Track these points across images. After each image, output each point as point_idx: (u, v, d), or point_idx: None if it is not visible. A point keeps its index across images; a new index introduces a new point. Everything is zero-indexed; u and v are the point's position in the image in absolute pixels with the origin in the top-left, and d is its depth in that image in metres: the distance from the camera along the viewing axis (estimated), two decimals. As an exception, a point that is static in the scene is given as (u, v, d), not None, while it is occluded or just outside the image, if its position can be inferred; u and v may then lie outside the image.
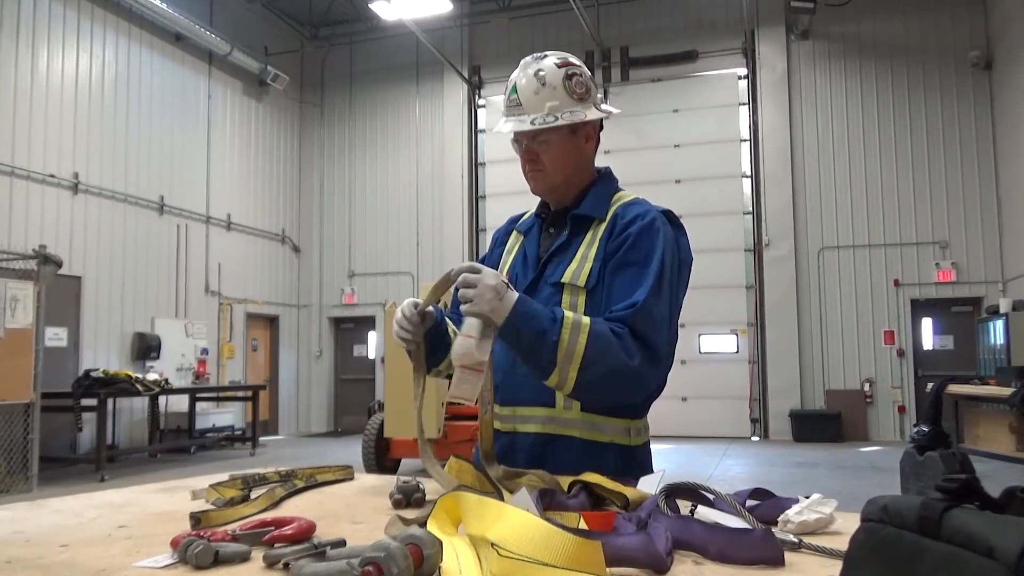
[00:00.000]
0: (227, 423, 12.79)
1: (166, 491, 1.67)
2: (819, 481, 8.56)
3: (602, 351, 1.45)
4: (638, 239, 1.60)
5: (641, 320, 1.50)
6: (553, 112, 1.64)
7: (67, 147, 10.88)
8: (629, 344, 1.48)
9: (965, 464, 5.54)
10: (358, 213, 15.78)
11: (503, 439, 1.68)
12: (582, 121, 1.67)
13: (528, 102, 1.66)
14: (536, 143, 1.69)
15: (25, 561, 1.08)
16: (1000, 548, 0.60)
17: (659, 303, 1.55)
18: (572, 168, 1.72)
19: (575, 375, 1.45)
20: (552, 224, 1.78)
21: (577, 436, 1.64)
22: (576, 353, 1.44)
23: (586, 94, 1.69)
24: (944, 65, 12.84)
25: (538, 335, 1.44)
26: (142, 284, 12.01)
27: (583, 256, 1.65)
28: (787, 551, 1.03)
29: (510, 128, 1.68)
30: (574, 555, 0.86)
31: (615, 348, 1.46)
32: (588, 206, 1.71)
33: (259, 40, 14.75)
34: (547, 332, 1.44)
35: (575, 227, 1.71)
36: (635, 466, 1.65)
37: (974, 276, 12.50)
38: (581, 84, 1.68)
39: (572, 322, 1.46)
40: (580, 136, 1.72)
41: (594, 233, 1.68)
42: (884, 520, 0.73)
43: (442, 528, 1.06)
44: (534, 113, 1.65)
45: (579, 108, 1.66)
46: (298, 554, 0.98)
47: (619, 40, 14.39)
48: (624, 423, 1.67)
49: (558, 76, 1.66)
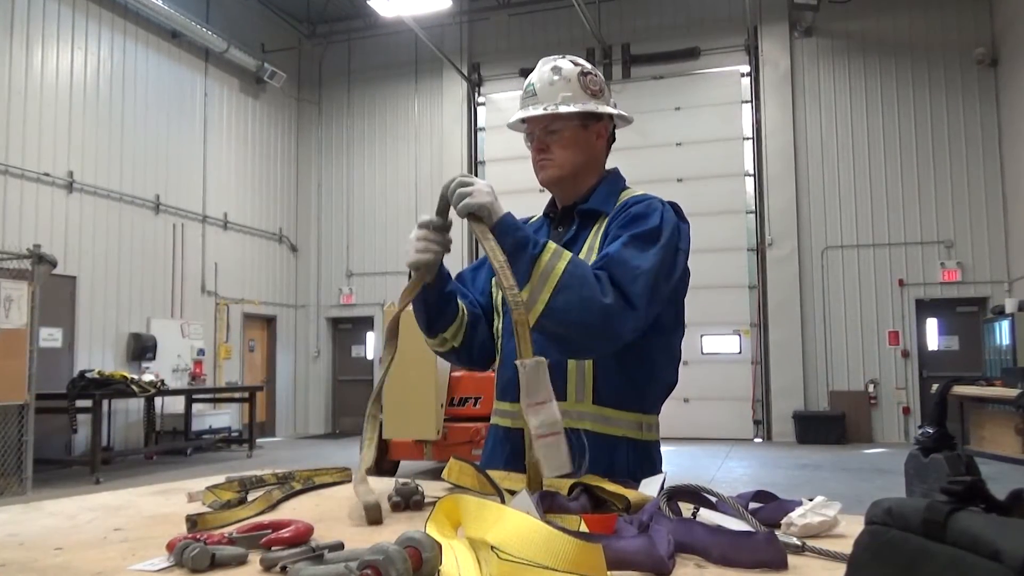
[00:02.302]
0: (224, 425, 12.73)
1: (162, 493, 1.66)
2: (823, 483, 8.51)
3: (578, 279, 1.45)
4: (635, 215, 1.63)
5: (614, 267, 1.51)
6: (566, 102, 1.68)
7: (62, 145, 10.81)
8: (605, 284, 1.48)
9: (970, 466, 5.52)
10: (356, 212, 15.69)
11: (514, 436, 1.67)
12: (594, 112, 1.71)
13: (543, 92, 1.70)
14: (547, 133, 1.72)
15: (19, 564, 1.07)
16: (1006, 551, 0.60)
17: (637, 256, 1.53)
18: (581, 161, 1.74)
19: (547, 296, 1.44)
20: (560, 222, 1.80)
21: (589, 430, 1.62)
22: (553, 275, 1.44)
23: (600, 92, 1.73)
24: (949, 62, 12.75)
25: (521, 244, 1.45)
26: (138, 284, 11.94)
27: (590, 247, 1.67)
28: (790, 554, 1.02)
29: (522, 115, 1.72)
30: (575, 558, 0.85)
31: (590, 281, 1.46)
32: (595, 201, 1.74)
33: (256, 37, 14.67)
34: (529, 243, 1.45)
35: (582, 222, 1.74)
36: (647, 462, 1.66)
37: (979, 276, 12.42)
38: (595, 83, 1.74)
39: (555, 248, 1.48)
40: (591, 132, 1.75)
41: (600, 227, 1.70)
42: (888, 523, 0.73)
43: (441, 530, 1.04)
44: (547, 102, 1.69)
45: (592, 103, 1.70)
46: (296, 557, 0.98)
47: (620, 37, 14.30)
48: (636, 417, 1.67)
49: (573, 72, 1.72)
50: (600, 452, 1.59)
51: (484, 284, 1.91)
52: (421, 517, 1.24)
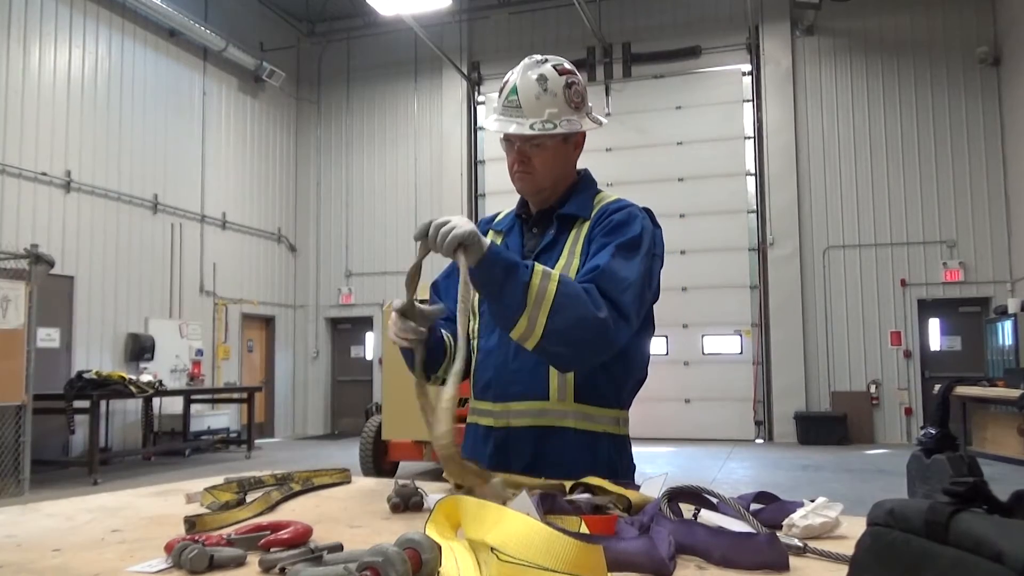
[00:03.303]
0: (222, 425, 12.69)
1: (160, 494, 1.67)
2: (824, 484, 8.48)
3: (571, 298, 1.49)
4: (617, 223, 1.68)
5: (604, 280, 1.55)
6: (552, 119, 1.70)
7: (59, 145, 10.76)
8: (596, 298, 1.52)
9: (973, 467, 5.57)
10: (355, 212, 15.64)
11: (497, 435, 1.73)
12: (578, 131, 1.77)
13: (529, 106, 1.71)
14: (530, 146, 1.74)
15: (17, 566, 1.07)
16: (1009, 553, 0.60)
17: (624, 267, 1.59)
18: (560, 172, 1.79)
19: (544, 320, 1.48)
20: (535, 224, 1.83)
21: (571, 427, 1.68)
22: (546, 297, 1.47)
23: (581, 103, 1.77)
24: (951, 61, 12.70)
25: (510, 270, 1.47)
26: (136, 284, 11.89)
27: (571, 253, 1.72)
28: (792, 556, 1.02)
29: (512, 130, 1.71)
30: (575, 559, 0.85)
31: (583, 298, 1.51)
32: (574, 206, 1.78)
33: (255, 36, 14.62)
34: (518, 270, 1.47)
35: (561, 226, 1.77)
36: (625, 455, 1.75)
37: (982, 276, 12.37)
38: (578, 93, 1.76)
39: (543, 270, 1.50)
40: (571, 143, 1.79)
41: (579, 231, 1.74)
42: (891, 524, 0.73)
43: (441, 532, 1.04)
44: (533, 118, 1.70)
45: (575, 117, 1.74)
46: (294, 559, 0.98)
47: (621, 36, 14.23)
48: (614, 413, 1.74)
49: (559, 83, 1.73)
50: (583, 448, 1.66)
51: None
52: (421, 518, 1.24)
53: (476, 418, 1.84)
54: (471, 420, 1.86)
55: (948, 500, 0.69)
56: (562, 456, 1.62)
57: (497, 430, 1.74)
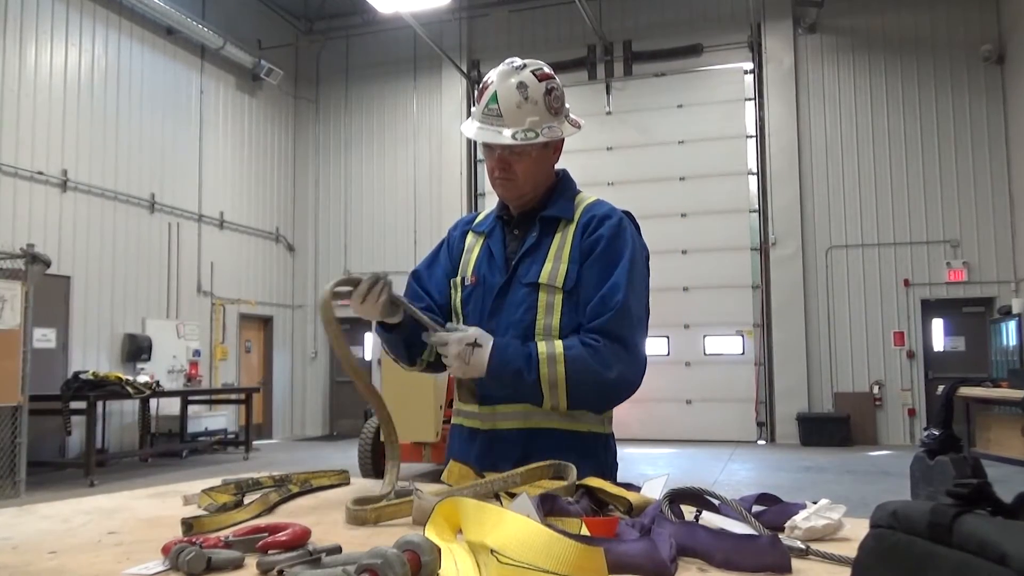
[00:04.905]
0: (220, 426, 12.67)
1: (157, 496, 1.67)
2: (827, 486, 8.46)
3: (583, 373, 1.60)
4: (610, 240, 1.71)
5: (618, 322, 1.62)
6: (533, 127, 1.71)
7: (55, 144, 10.71)
8: (604, 356, 1.60)
9: (977, 468, 5.60)
10: (354, 211, 15.57)
11: (484, 437, 1.77)
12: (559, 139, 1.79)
13: (509, 115, 1.71)
14: (511, 154, 1.74)
15: (13, 568, 1.07)
16: (1013, 555, 0.59)
17: (635, 303, 1.67)
18: (541, 178, 1.81)
19: (564, 398, 1.63)
20: (517, 226, 1.84)
21: (558, 427, 1.72)
22: (559, 382, 1.61)
23: (561, 108, 1.77)
24: (955, 59, 12.65)
25: (517, 373, 1.60)
26: (132, 284, 11.83)
27: (556, 256, 1.74)
28: (794, 558, 1.02)
29: (493, 140, 1.73)
30: (576, 562, 0.85)
31: (592, 366, 1.60)
32: (557, 208, 1.80)
33: (252, 34, 14.54)
34: (524, 369, 1.60)
35: (544, 229, 1.79)
36: (610, 452, 1.81)
37: (986, 276, 12.31)
38: (558, 99, 1.77)
39: (547, 356, 1.60)
40: (551, 148, 1.80)
41: (563, 234, 1.77)
42: (894, 526, 0.73)
43: (440, 534, 1.05)
44: (515, 127, 1.71)
45: (555, 123, 1.75)
46: (293, 561, 0.98)
47: (621, 34, 14.17)
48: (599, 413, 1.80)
49: (539, 91, 1.73)
50: (569, 447, 1.70)
51: (441, 282, 1.94)
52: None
53: (461, 420, 1.86)
54: (456, 421, 1.89)
55: (952, 502, 0.69)
56: (549, 455, 1.62)
57: (484, 432, 1.77)
